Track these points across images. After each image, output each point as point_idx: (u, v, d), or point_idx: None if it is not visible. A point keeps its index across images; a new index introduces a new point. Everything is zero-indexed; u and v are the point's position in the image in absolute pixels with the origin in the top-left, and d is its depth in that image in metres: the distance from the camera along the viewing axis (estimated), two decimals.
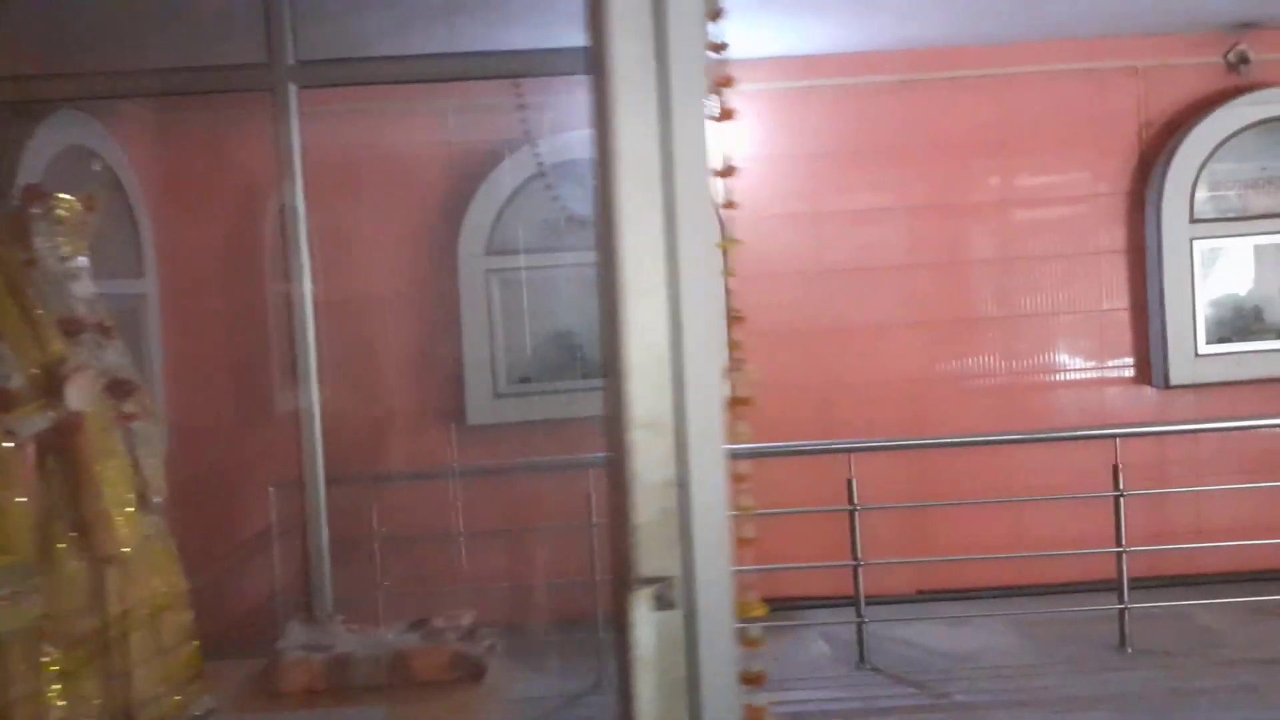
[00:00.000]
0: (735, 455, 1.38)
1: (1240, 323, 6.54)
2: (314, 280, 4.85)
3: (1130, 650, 5.47)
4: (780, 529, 6.30)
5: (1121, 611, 5.51)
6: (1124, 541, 5.49)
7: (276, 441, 5.17)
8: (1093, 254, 6.51)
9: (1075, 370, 6.54)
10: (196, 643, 3.34)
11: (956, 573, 6.39)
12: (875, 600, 5.84)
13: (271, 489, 5.44)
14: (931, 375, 6.52)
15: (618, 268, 1.23)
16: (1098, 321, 6.53)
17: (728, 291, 1.39)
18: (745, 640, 1.41)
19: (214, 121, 5.98)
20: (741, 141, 6.49)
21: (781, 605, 6.31)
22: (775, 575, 6.29)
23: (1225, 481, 6.17)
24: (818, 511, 6.01)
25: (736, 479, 1.39)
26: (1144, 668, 5.31)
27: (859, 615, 5.51)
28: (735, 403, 1.36)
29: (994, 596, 6.31)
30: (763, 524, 5.48)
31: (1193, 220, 6.32)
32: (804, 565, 6.23)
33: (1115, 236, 6.52)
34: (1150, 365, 6.46)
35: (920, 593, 6.44)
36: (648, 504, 1.29)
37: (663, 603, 1.28)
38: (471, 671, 3.58)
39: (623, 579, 1.28)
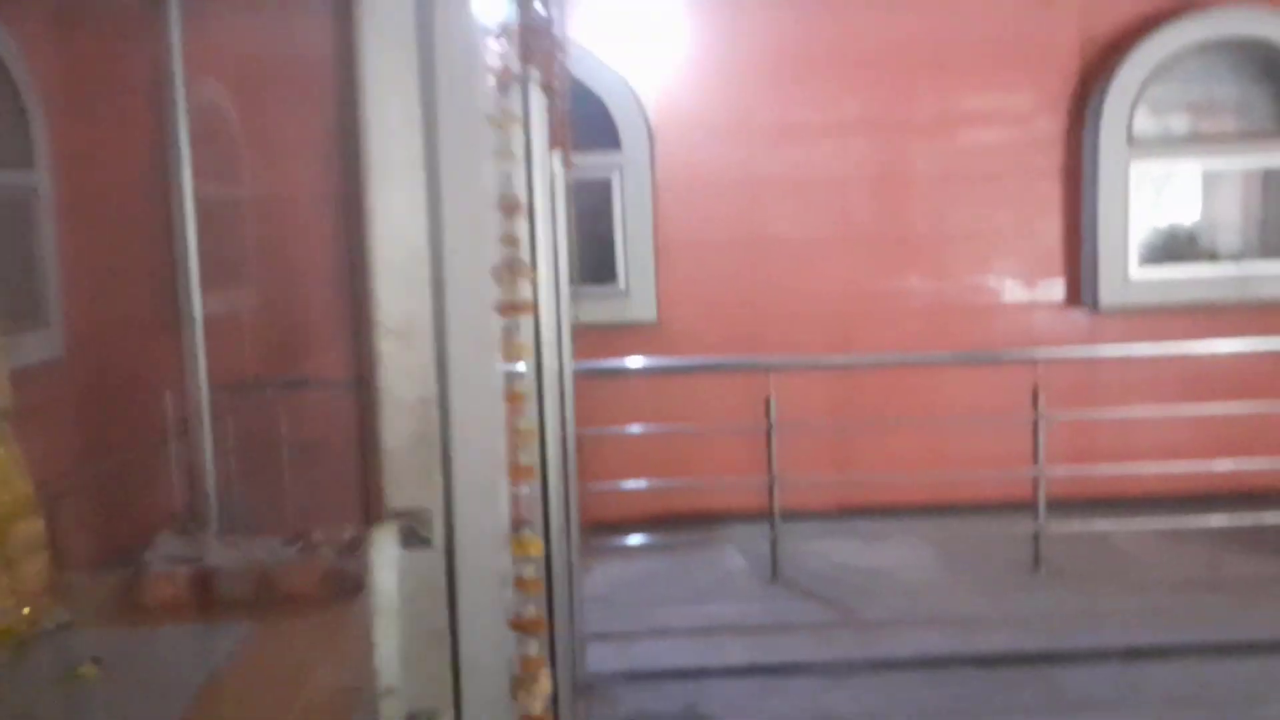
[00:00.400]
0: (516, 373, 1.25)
1: (1174, 247, 6.44)
2: (233, 178, 4.62)
3: (1043, 571, 5.46)
4: (701, 445, 6.24)
5: (1036, 533, 5.49)
6: (1041, 463, 5.45)
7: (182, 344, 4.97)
8: (1028, 174, 6.37)
9: (1005, 292, 6.44)
10: (47, 553, 3.16)
11: (879, 490, 6.36)
12: (797, 516, 5.80)
13: (169, 394, 5.24)
14: (859, 293, 6.40)
15: (363, 143, 1.06)
16: (1030, 243, 6.42)
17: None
18: (519, 582, 1.26)
19: (117, 4, 5.63)
20: (670, 48, 6.25)
21: (701, 520, 6.26)
22: (695, 490, 6.24)
23: (1154, 406, 6.12)
24: (732, 430, 5.93)
25: (510, 398, 1.24)
26: (1054, 589, 5.31)
27: (773, 531, 5.45)
28: (508, 308, 1.20)
29: (915, 514, 6.29)
30: (682, 440, 5.38)
31: (1130, 142, 6.18)
32: (708, 481, 6.18)
33: (1052, 157, 6.38)
34: (1081, 288, 6.37)
35: (843, 509, 6.40)
36: (399, 425, 1.14)
37: (415, 539, 1.12)
38: (345, 588, 3.44)
39: (370, 513, 1.13)
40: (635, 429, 6.06)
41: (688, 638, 4.85)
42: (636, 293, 6.23)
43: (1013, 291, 6.43)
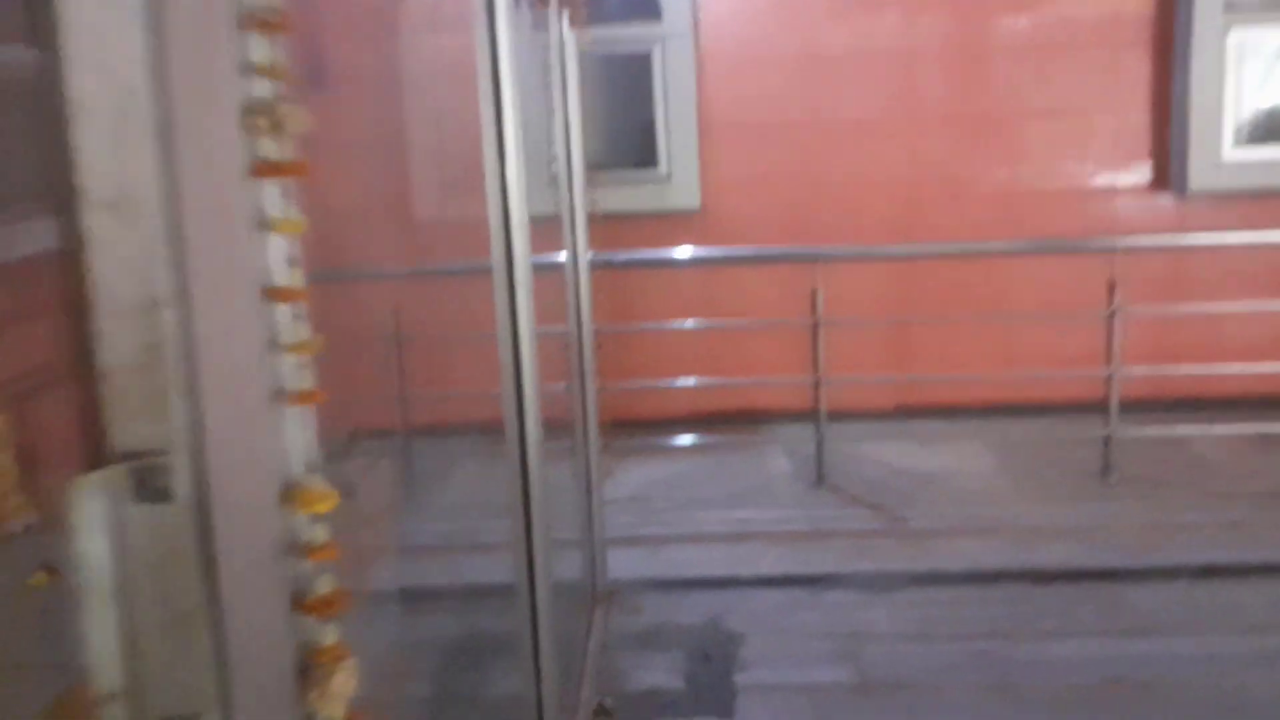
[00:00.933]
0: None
1: (1275, 125, 5.80)
2: None
3: (1113, 479, 5.05)
4: (750, 340, 5.88)
5: (1106, 437, 5.07)
6: (1116, 361, 5.00)
7: None
8: (1114, 45, 5.75)
9: (1084, 175, 5.88)
10: (12, 450, 2.95)
11: (940, 389, 5.95)
12: (850, 416, 5.46)
13: None
14: (924, 177, 5.89)
15: None
16: (1114, 121, 5.82)
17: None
18: (305, 548, 0.95)
19: None
20: None
21: (750, 419, 5.95)
22: (745, 387, 5.92)
23: (1244, 300, 5.59)
24: (779, 325, 5.57)
25: (278, 295, 0.91)
26: (1124, 498, 4.90)
27: (819, 433, 5.10)
28: (264, 167, 0.87)
29: (977, 415, 5.89)
30: (730, 335, 5.01)
31: (1229, 5, 5.52)
32: (756, 378, 5.85)
33: (1141, 25, 5.74)
34: (1169, 171, 5.79)
35: (900, 409, 6.02)
36: (121, 335, 0.82)
37: (148, 491, 0.82)
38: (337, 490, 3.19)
39: (86, 456, 0.83)
40: (676, 324, 5.72)
41: (721, 544, 4.57)
42: (679, 178, 5.81)
43: (1093, 174, 5.87)
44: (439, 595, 3.75)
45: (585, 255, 3.76)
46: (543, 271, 3.86)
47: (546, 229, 3.78)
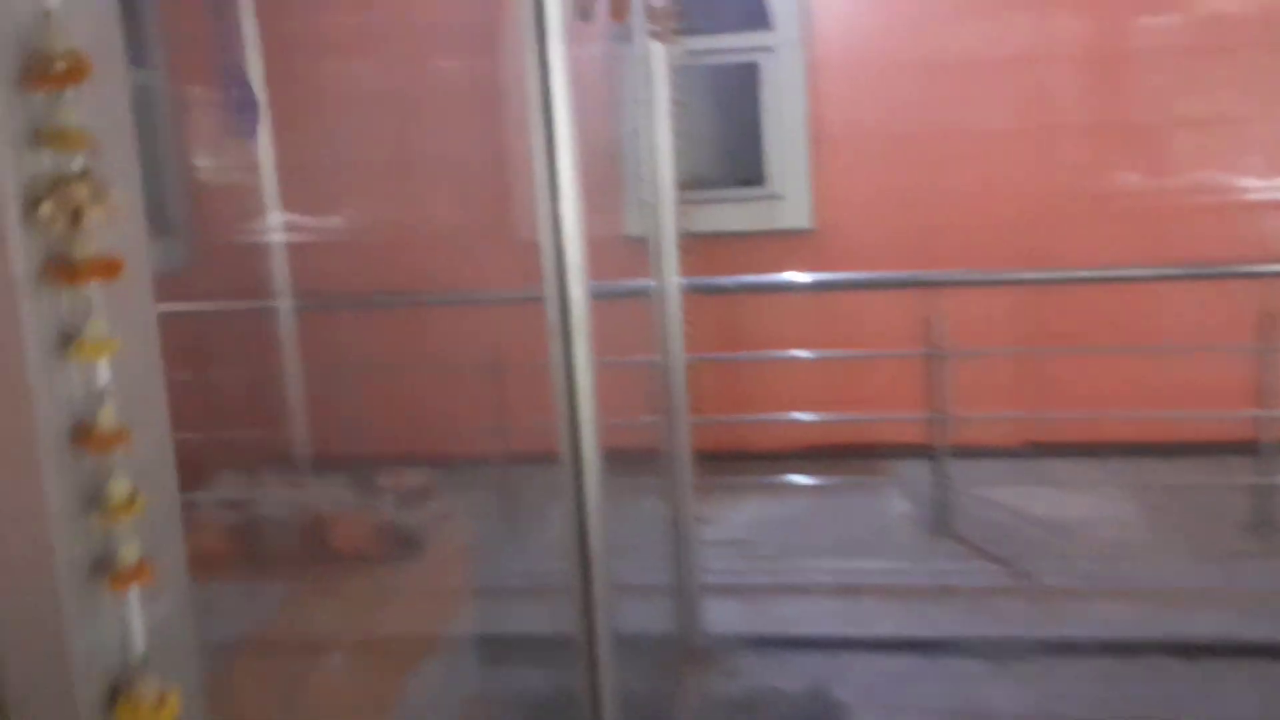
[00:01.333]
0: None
1: None
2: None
3: (1271, 533, 4.53)
4: (867, 370, 5.53)
5: (1263, 485, 4.54)
6: (1267, 403, 4.48)
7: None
8: (1269, 43, 5.20)
9: (1237, 190, 5.34)
10: None
11: (1075, 426, 5.48)
12: (977, 453, 5.05)
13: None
14: (1058, 193, 5.43)
15: None
16: (1270, 129, 5.27)
17: None
18: None
19: None
20: None
21: (868, 453, 5.57)
22: (860, 421, 5.57)
23: None
24: (883, 355, 5.20)
25: (90, 439, 0.64)
26: None
27: (939, 474, 4.70)
28: (63, 271, 0.60)
29: (1118, 455, 5.40)
30: (846, 364, 4.63)
31: None
32: (871, 412, 5.48)
33: None
34: None
35: (1030, 445, 5.56)
36: None
37: None
38: (401, 546, 2.98)
39: None
40: (780, 354, 5.39)
41: (830, 598, 4.21)
42: (790, 196, 5.47)
43: (1246, 190, 5.33)
44: (513, 645, 3.51)
45: (675, 281, 3.47)
46: (634, 297, 3.61)
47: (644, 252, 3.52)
